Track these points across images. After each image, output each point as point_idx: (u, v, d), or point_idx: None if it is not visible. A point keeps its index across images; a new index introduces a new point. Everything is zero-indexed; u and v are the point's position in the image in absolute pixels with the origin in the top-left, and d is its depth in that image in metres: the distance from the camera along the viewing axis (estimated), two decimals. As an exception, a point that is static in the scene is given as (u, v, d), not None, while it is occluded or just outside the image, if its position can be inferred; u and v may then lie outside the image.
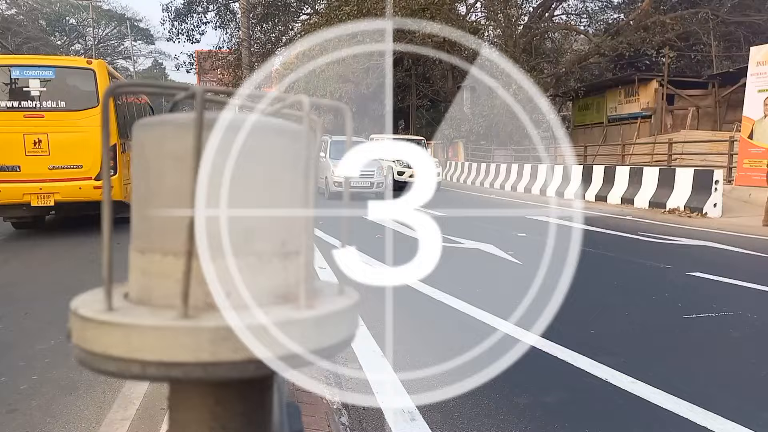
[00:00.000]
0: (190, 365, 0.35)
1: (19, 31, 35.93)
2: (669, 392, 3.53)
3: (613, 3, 28.68)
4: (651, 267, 7.44)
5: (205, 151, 0.38)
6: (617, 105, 25.40)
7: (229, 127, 0.38)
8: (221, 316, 0.37)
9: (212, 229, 0.38)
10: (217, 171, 0.38)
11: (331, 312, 0.40)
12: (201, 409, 0.39)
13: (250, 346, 0.36)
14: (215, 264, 0.38)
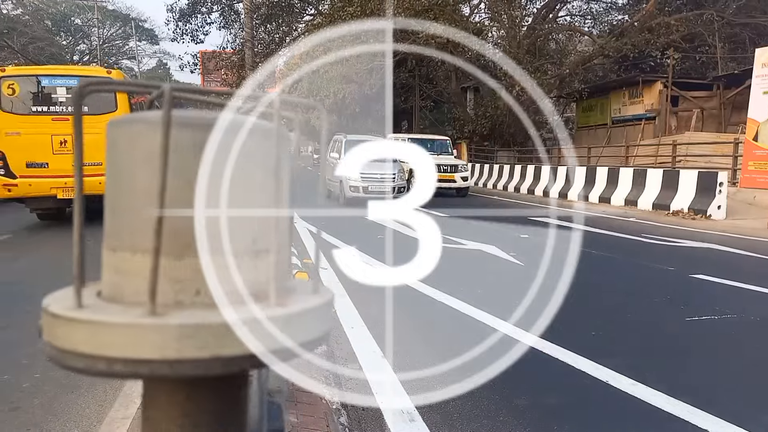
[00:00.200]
0: (156, 362, 0.34)
1: (24, 31, 36.05)
2: (670, 395, 3.51)
3: (617, 4, 28.64)
4: (654, 269, 7.42)
5: (174, 149, 0.37)
6: (621, 106, 25.35)
7: (198, 126, 0.38)
8: (189, 313, 0.36)
9: (181, 228, 0.38)
10: (185, 169, 0.37)
11: (301, 310, 0.40)
12: (172, 405, 0.39)
13: (216, 344, 0.35)
14: (184, 262, 0.38)
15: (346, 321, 5.05)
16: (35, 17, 40.99)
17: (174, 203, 0.38)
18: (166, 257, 0.38)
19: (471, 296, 5.78)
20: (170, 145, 0.37)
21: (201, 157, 0.38)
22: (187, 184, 0.38)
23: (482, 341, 3.60)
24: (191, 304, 0.38)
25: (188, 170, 0.38)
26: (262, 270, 0.40)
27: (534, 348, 4.36)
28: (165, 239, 0.37)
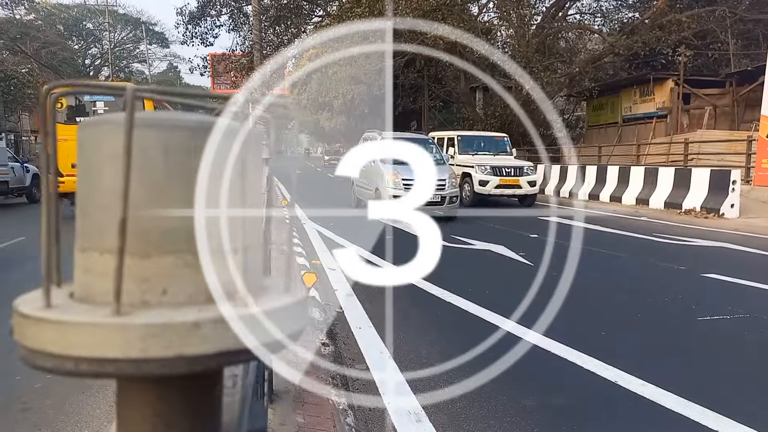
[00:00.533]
0: (121, 361, 0.34)
1: (37, 36, 36.43)
2: (680, 395, 3.47)
3: (627, 2, 28.43)
4: (665, 268, 7.35)
5: (140, 150, 0.37)
6: (632, 105, 25.16)
7: (163, 127, 0.38)
8: (154, 313, 0.37)
9: (147, 228, 0.38)
10: (151, 170, 0.38)
11: (269, 309, 0.39)
12: (144, 405, 0.39)
13: (180, 343, 0.35)
14: (151, 262, 0.38)
15: (354, 321, 5.05)
16: (47, 22, 41.41)
17: (140, 203, 0.38)
18: (132, 257, 0.38)
19: (479, 296, 5.76)
20: (136, 146, 0.37)
21: (167, 157, 0.38)
22: (153, 185, 0.38)
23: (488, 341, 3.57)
24: (158, 303, 0.38)
25: (154, 171, 0.38)
26: (231, 270, 0.40)
27: (542, 348, 4.34)
28: (131, 239, 0.37)
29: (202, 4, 25.12)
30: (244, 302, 0.40)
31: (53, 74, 34.50)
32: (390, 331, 4.80)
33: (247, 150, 0.42)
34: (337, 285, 6.34)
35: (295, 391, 3.38)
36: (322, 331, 4.59)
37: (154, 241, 0.38)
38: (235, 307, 0.39)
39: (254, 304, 0.40)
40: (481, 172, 15.21)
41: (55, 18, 43.00)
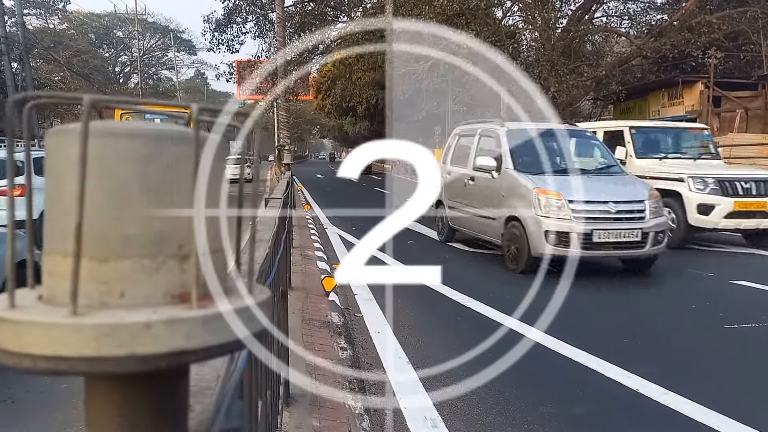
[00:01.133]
0: (74, 359, 0.36)
1: (69, 44, 37.39)
2: (703, 404, 3.40)
3: (655, 4, 27.99)
4: (692, 274, 7.20)
5: (99, 157, 0.39)
6: (660, 108, 24.74)
7: (121, 135, 0.40)
8: (108, 314, 0.38)
9: (106, 233, 0.39)
10: (110, 176, 0.39)
11: (222, 312, 0.40)
12: (109, 404, 0.41)
13: (131, 343, 0.37)
14: (109, 265, 0.39)
15: (373, 325, 5.05)
16: (80, 31, 42.45)
17: (100, 210, 0.39)
18: (91, 261, 0.39)
19: (498, 301, 5.72)
20: (96, 154, 0.38)
21: (125, 165, 0.40)
22: (112, 192, 0.40)
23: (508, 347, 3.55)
24: (116, 305, 0.39)
25: (113, 178, 0.40)
26: (188, 273, 0.41)
27: (562, 354, 4.29)
28: (90, 244, 0.39)
29: (228, 12, 25.46)
30: (199, 305, 0.41)
31: (84, 82, 35.35)
32: (409, 335, 4.79)
33: (206, 157, 0.43)
34: (357, 290, 6.35)
35: (312, 395, 3.39)
36: (340, 335, 4.61)
37: (112, 246, 0.40)
38: (189, 308, 0.40)
39: (208, 306, 0.41)
40: (700, 190, 8.78)
41: (87, 27, 44.06)
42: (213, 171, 0.44)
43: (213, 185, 0.44)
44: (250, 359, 1.08)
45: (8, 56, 21.38)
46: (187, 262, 0.41)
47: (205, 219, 0.43)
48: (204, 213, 0.42)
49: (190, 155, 0.40)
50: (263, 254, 1.39)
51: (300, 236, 9.55)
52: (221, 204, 0.46)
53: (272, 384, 1.95)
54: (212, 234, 0.45)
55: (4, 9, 21.16)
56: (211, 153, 0.44)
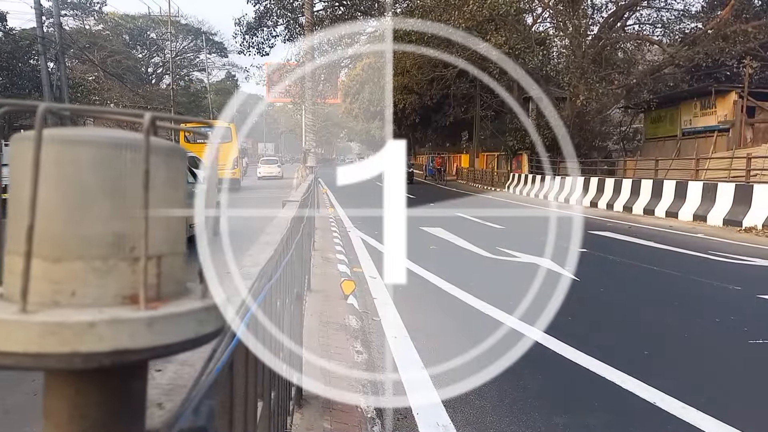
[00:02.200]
0: (20, 355, 0.38)
1: (104, 45, 38.24)
2: (723, 420, 3.32)
3: (690, 12, 27.50)
4: (718, 288, 7.04)
5: (55, 162, 0.41)
6: (692, 117, 24.26)
7: (75, 141, 0.42)
8: (56, 312, 0.40)
9: (59, 234, 0.41)
10: (65, 181, 0.41)
11: (169, 314, 0.42)
12: (64, 399, 0.42)
13: (75, 341, 0.38)
14: (61, 266, 0.41)
15: (390, 330, 5.05)
16: (114, 32, 43.40)
17: (55, 213, 0.41)
18: (45, 261, 0.41)
19: (518, 309, 5.66)
20: (52, 159, 0.40)
21: (80, 170, 0.41)
22: (66, 195, 0.41)
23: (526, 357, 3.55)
24: (67, 304, 0.41)
25: (68, 182, 0.41)
26: (138, 275, 0.42)
27: (579, 365, 4.24)
28: (44, 245, 0.41)
29: (260, 15, 25.80)
30: (147, 306, 0.42)
31: (118, 82, 36.11)
32: (426, 340, 4.78)
33: (160, 164, 0.45)
34: (376, 294, 6.36)
35: (325, 397, 3.41)
36: (357, 339, 4.62)
37: (65, 247, 0.41)
38: (136, 309, 0.42)
39: (158, 308, 0.42)
40: None
41: (122, 28, 45.01)
42: (168, 176, 0.46)
43: (167, 190, 0.46)
44: (238, 359, 1.09)
45: (45, 56, 21.96)
46: (139, 265, 0.42)
47: (160, 223, 0.44)
48: (156, 217, 0.44)
49: (133, 159, 0.42)
50: (267, 257, 1.41)
51: (322, 239, 9.61)
52: (177, 209, 0.48)
53: (278, 385, 1.96)
54: (167, 237, 0.46)
55: (42, 10, 21.75)
56: (166, 159, 0.45)
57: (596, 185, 19.88)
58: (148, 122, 0.42)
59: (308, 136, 15.70)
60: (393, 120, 42.96)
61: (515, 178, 27.29)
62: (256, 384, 1.32)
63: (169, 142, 0.47)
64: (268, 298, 1.54)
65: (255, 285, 1.14)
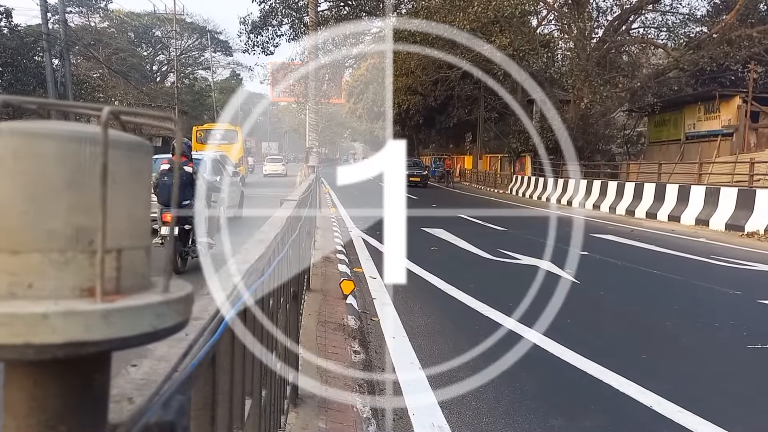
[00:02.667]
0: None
1: (109, 42, 38.33)
2: (719, 425, 3.31)
3: (695, 16, 27.43)
4: (719, 292, 7.02)
5: (14, 155, 0.41)
6: (696, 122, 24.21)
7: (35, 135, 0.42)
8: (10, 304, 0.40)
9: (16, 227, 0.41)
10: (24, 174, 0.41)
11: (125, 307, 0.42)
12: (21, 388, 0.42)
13: (28, 332, 0.38)
14: (19, 258, 0.41)
15: (388, 330, 5.04)
16: (120, 30, 43.48)
17: (12, 204, 0.41)
18: (2, 253, 0.41)
19: (518, 312, 5.65)
20: (12, 152, 0.41)
21: (38, 163, 0.41)
22: (25, 188, 0.41)
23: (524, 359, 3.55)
24: (23, 296, 0.41)
25: (27, 176, 0.41)
26: (96, 268, 0.42)
27: (577, 368, 4.23)
28: (3, 236, 0.41)
29: (265, 14, 25.82)
30: (104, 299, 0.42)
31: (122, 80, 36.18)
32: (423, 341, 4.77)
33: (121, 158, 0.45)
34: (376, 294, 6.36)
35: (321, 397, 3.40)
36: (355, 339, 4.61)
37: (23, 240, 0.42)
38: (92, 302, 0.42)
39: (115, 301, 0.42)
40: None
41: (127, 26, 45.08)
42: (131, 171, 0.46)
43: (130, 184, 0.46)
44: (223, 356, 1.09)
45: (49, 53, 22.01)
46: (96, 257, 0.42)
47: (122, 216, 0.44)
48: (118, 211, 0.44)
49: (88, 153, 0.42)
50: (258, 254, 1.41)
51: (323, 238, 9.60)
52: (141, 203, 0.48)
53: (271, 383, 1.96)
54: (129, 231, 0.46)
55: (47, 6, 21.80)
56: (128, 154, 0.45)
57: (599, 188, 19.85)
58: (105, 116, 0.42)
59: (311, 135, 15.71)
60: (397, 121, 42.96)
61: (518, 180, 27.27)
62: (244, 381, 1.31)
63: (134, 136, 0.47)
64: (258, 295, 1.53)
65: (242, 282, 1.14)
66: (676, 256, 9.66)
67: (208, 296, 1.01)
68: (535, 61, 25.64)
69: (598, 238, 11.87)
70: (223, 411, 1.09)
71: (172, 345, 0.74)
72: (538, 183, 24.69)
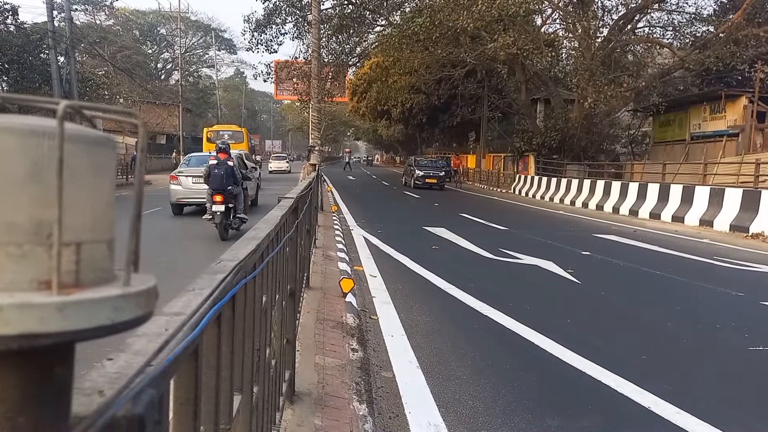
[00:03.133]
0: None
1: (114, 40, 38.43)
2: (717, 426, 3.30)
3: (701, 15, 27.29)
4: (721, 294, 6.99)
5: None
6: (701, 122, 24.11)
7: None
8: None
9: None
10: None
11: (81, 299, 0.42)
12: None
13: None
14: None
15: (387, 329, 5.05)
16: (125, 27, 43.58)
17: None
18: None
19: (518, 311, 5.65)
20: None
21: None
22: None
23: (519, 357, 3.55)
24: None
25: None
26: (55, 261, 0.43)
27: (575, 368, 4.22)
28: None
29: (269, 12, 25.77)
30: (60, 292, 0.42)
31: (127, 77, 36.26)
32: (422, 340, 4.78)
33: (80, 152, 0.45)
34: (375, 293, 6.36)
35: (317, 394, 3.41)
36: (353, 337, 4.62)
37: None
38: (49, 295, 0.42)
39: (72, 293, 0.43)
40: None
41: (132, 23, 45.20)
42: (91, 165, 0.46)
43: (90, 178, 0.46)
44: (207, 351, 1.09)
45: (55, 50, 22.08)
46: (54, 250, 0.43)
47: (82, 210, 0.45)
48: (77, 204, 0.44)
49: (45, 147, 0.42)
50: (248, 252, 1.41)
51: (324, 237, 9.61)
52: (103, 198, 0.48)
53: (264, 380, 1.96)
54: (91, 225, 0.46)
55: (53, 4, 21.86)
56: (88, 148, 0.46)
57: (602, 188, 19.80)
58: (62, 110, 0.42)
59: (313, 133, 15.71)
60: (400, 119, 42.90)
61: (521, 179, 27.23)
62: (232, 377, 1.32)
63: (97, 131, 0.48)
64: (249, 292, 1.54)
65: (228, 279, 1.14)
66: (679, 257, 9.63)
67: (194, 292, 1.01)
68: (539, 60, 25.56)
69: (601, 239, 11.84)
70: (209, 406, 1.09)
71: (151, 340, 0.75)
72: (541, 183, 24.65)
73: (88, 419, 0.49)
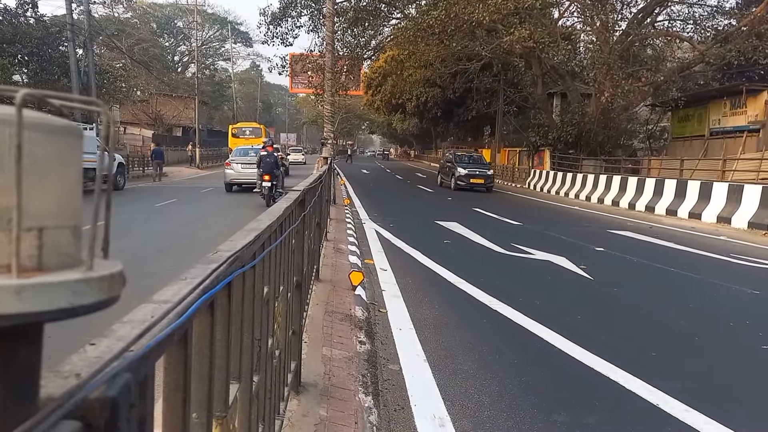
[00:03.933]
0: None
1: (132, 33, 38.72)
2: (727, 425, 3.26)
3: (723, 8, 26.80)
4: (736, 291, 6.90)
5: None
6: (721, 117, 23.72)
7: None
8: None
9: None
10: None
11: (40, 283, 0.43)
12: None
13: None
14: None
15: (395, 322, 5.05)
16: (143, 20, 43.87)
17: None
18: None
19: (528, 306, 5.63)
20: None
21: None
22: None
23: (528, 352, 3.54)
24: None
25: None
26: (15, 245, 0.44)
27: (584, 364, 4.20)
28: None
29: (284, 5, 25.80)
30: (20, 275, 0.43)
31: (144, 70, 36.53)
32: (430, 333, 4.78)
33: (42, 140, 0.46)
34: (385, 286, 6.37)
35: (323, 385, 3.43)
36: (361, 330, 4.63)
37: None
38: (7, 278, 0.43)
39: (32, 277, 0.44)
40: None
41: (150, 16, 45.50)
42: (55, 153, 0.47)
43: (54, 166, 0.47)
44: (200, 339, 1.10)
45: (73, 43, 22.28)
46: (10, 236, 0.43)
47: (46, 196, 0.46)
48: (41, 190, 0.45)
49: (24, 136, 0.43)
50: (245, 242, 1.41)
51: (336, 230, 9.64)
52: (67, 184, 0.49)
53: (267, 369, 1.98)
54: (54, 210, 0.47)
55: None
56: (50, 137, 0.46)
57: (618, 184, 19.60)
58: (20, 98, 0.43)
59: (327, 126, 15.72)
60: (415, 113, 42.74)
61: (536, 174, 27.05)
62: (228, 366, 1.32)
63: (63, 120, 0.49)
64: (248, 282, 1.54)
65: (222, 268, 1.15)
66: (694, 254, 9.52)
67: (185, 281, 1.02)
68: (555, 54, 25.32)
69: (616, 235, 11.74)
70: (200, 394, 1.10)
71: (135, 326, 0.76)
72: (556, 178, 24.46)
73: (58, 400, 0.50)
